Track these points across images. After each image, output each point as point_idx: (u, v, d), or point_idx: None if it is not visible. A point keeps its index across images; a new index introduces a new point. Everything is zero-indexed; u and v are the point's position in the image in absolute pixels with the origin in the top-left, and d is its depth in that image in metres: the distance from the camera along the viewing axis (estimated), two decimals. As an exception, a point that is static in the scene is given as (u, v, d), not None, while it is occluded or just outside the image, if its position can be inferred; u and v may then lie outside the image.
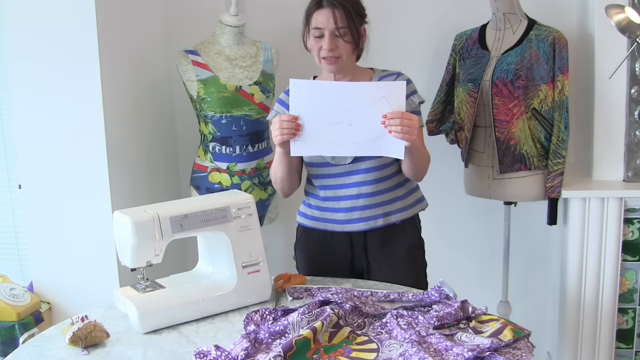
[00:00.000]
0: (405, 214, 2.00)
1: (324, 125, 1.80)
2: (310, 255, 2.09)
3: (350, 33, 1.86)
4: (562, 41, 2.37)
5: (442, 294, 1.70)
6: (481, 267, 2.98)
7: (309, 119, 1.80)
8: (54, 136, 2.35)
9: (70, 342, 1.52)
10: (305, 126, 1.81)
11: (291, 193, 2.05)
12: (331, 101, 1.79)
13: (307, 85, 1.85)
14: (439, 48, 2.78)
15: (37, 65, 2.31)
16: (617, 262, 2.42)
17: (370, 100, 1.77)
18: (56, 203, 2.40)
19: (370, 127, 1.78)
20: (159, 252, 1.66)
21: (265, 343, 1.49)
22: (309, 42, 1.90)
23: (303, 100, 1.80)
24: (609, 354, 2.48)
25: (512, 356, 1.39)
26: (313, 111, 1.80)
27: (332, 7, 1.83)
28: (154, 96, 2.75)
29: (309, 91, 1.82)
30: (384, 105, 1.76)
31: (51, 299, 2.49)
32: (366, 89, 1.80)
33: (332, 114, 1.79)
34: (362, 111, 1.78)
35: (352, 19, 1.85)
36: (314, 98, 1.80)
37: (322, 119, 1.80)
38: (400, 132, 1.73)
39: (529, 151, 2.44)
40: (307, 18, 1.89)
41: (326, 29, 1.84)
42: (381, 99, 1.76)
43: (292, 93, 1.80)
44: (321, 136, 1.81)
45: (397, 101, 1.76)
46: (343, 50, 1.87)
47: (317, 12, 1.86)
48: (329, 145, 1.83)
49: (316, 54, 1.89)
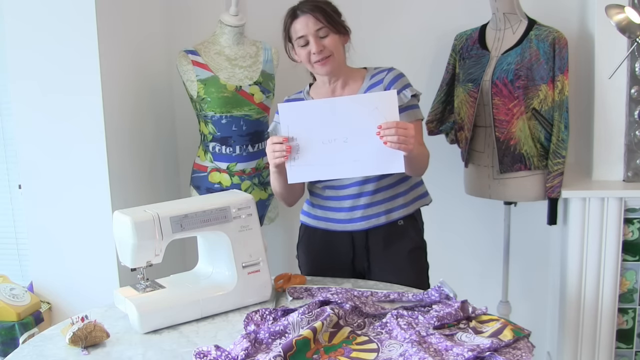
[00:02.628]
0: (407, 210, 2.00)
1: (319, 145, 1.77)
2: (312, 255, 2.09)
3: (334, 28, 1.88)
4: (562, 41, 2.37)
5: (442, 294, 1.70)
6: (481, 267, 2.98)
7: (302, 141, 1.78)
8: (54, 136, 2.35)
9: (70, 342, 1.52)
10: (300, 149, 1.78)
11: (295, 203, 2.05)
12: (323, 119, 1.76)
13: (295, 107, 1.81)
14: (439, 48, 2.78)
15: (38, 66, 2.31)
16: (617, 262, 2.42)
17: (363, 112, 1.74)
18: (56, 203, 2.40)
19: (366, 141, 1.75)
20: (159, 252, 1.66)
21: (265, 343, 1.49)
22: (297, 54, 1.92)
23: (295, 123, 1.78)
24: (609, 354, 2.48)
25: (512, 356, 1.39)
26: (306, 132, 1.77)
27: (308, 12, 1.86)
28: (154, 96, 2.75)
29: (298, 113, 1.79)
30: (377, 117, 1.74)
31: (51, 299, 2.49)
32: (357, 102, 1.77)
33: (325, 132, 1.77)
34: (356, 125, 1.75)
35: (329, 16, 1.88)
36: (304, 119, 1.77)
37: (316, 139, 1.77)
38: (397, 142, 1.71)
39: (529, 151, 2.44)
40: (287, 32, 1.92)
41: (308, 34, 1.87)
42: (374, 110, 1.74)
43: (283, 118, 1.78)
44: (318, 157, 1.79)
45: (390, 110, 1.73)
46: (332, 48, 1.88)
47: (294, 22, 1.89)
48: (327, 167, 1.80)
49: (307, 61, 1.91)
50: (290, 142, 1.79)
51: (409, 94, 1.93)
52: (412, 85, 1.95)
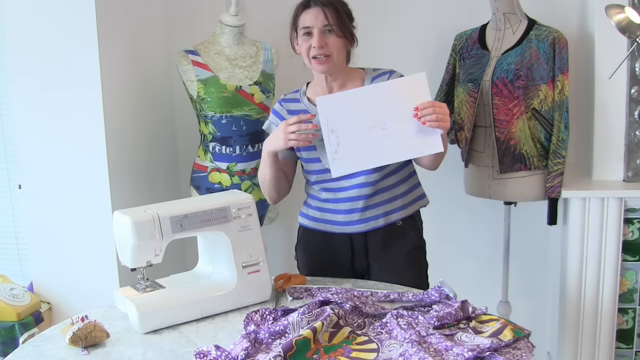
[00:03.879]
0: (406, 211, 1.99)
1: (359, 135, 1.79)
2: (311, 256, 2.09)
3: (340, 30, 1.87)
4: (562, 41, 2.37)
5: (442, 294, 1.69)
6: (481, 267, 2.98)
7: (342, 133, 1.79)
8: (54, 136, 2.35)
9: (70, 342, 1.52)
10: (340, 141, 1.80)
11: (280, 199, 2.05)
12: (359, 109, 1.79)
13: (333, 99, 1.83)
14: (439, 48, 2.78)
15: (38, 66, 2.31)
16: (617, 262, 2.42)
17: (397, 97, 1.78)
18: (56, 203, 2.40)
19: (404, 125, 1.78)
20: (159, 252, 1.66)
21: (265, 343, 1.49)
22: (299, 45, 1.91)
23: (333, 115, 1.79)
24: (609, 354, 2.48)
25: (512, 356, 1.39)
26: (345, 124, 1.79)
27: (320, 6, 1.85)
28: (154, 96, 2.75)
29: (336, 104, 1.81)
30: (411, 100, 1.77)
31: (51, 299, 2.49)
32: (391, 88, 1.81)
33: (363, 121, 1.79)
34: (392, 111, 1.78)
35: (341, 17, 1.87)
36: (342, 110, 1.79)
37: (356, 129, 1.79)
38: (436, 120, 1.75)
39: (529, 151, 2.44)
40: (295, 20, 1.91)
41: (314, 26, 1.85)
42: (406, 94, 1.78)
43: (321, 111, 1.80)
44: (359, 148, 1.80)
45: (422, 92, 1.77)
46: (333, 49, 1.87)
47: (304, 12, 1.88)
48: (370, 156, 1.81)
49: (306, 55, 1.89)
50: (330, 135, 1.80)
51: None
52: None
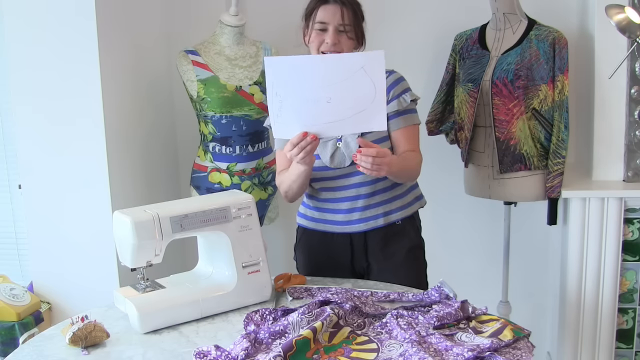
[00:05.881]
0: (405, 212, 2.00)
1: (301, 104, 1.72)
2: (310, 256, 2.09)
3: (354, 31, 1.88)
4: (562, 41, 2.37)
5: (442, 294, 1.69)
6: (481, 267, 2.98)
7: (285, 98, 1.72)
8: (54, 136, 2.35)
9: (70, 342, 1.52)
10: (283, 106, 1.74)
11: (297, 198, 2.03)
12: (308, 77, 1.70)
13: (282, 61, 1.75)
14: (439, 48, 2.78)
15: (38, 66, 2.31)
16: (617, 262, 2.42)
17: (349, 72, 1.69)
18: (56, 203, 2.40)
19: (348, 104, 1.70)
20: (159, 252, 1.66)
21: (265, 343, 1.49)
22: (311, 38, 1.91)
23: (280, 79, 1.72)
24: (609, 354, 2.48)
25: (512, 356, 1.39)
26: (291, 89, 1.72)
27: (340, 4, 1.86)
28: (154, 96, 2.75)
29: (285, 68, 1.72)
30: (362, 77, 1.68)
31: (51, 299, 2.49)
32: (344, 60, 1.72)
33: (309, 90, 1.71)
34: (340, 86, 1.69)
35: (357, 19, 1.89)
36: (291, 75, 1.71)
37: (301, 97, 1.71)
38: (370, 169, 1.71)
39: (529, 151, 2.44)
40: (310, 13, 1.91)
41: (331, 23, 1.86)
42: (359, 70, 1.68)
43: (268, 72, 1.73)
44: (301, 115, 1.73)
45: (376, 72, 1.67)
46: (345, 47, 1.88)
47: (322, 7, 1.88)
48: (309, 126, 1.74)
49: (315, 49, 1.90)
50: (274, 98, 1.73)
51: (408, 98, 1.92)
52: (411, 90, 1.95)
